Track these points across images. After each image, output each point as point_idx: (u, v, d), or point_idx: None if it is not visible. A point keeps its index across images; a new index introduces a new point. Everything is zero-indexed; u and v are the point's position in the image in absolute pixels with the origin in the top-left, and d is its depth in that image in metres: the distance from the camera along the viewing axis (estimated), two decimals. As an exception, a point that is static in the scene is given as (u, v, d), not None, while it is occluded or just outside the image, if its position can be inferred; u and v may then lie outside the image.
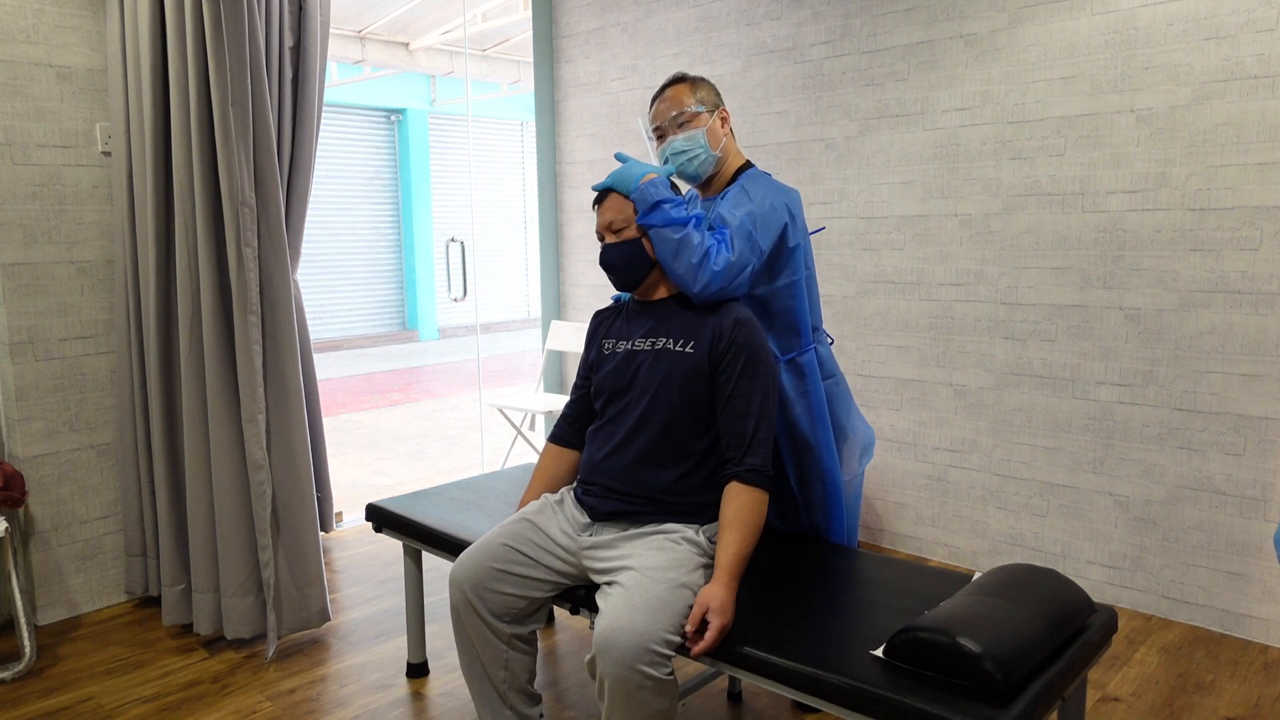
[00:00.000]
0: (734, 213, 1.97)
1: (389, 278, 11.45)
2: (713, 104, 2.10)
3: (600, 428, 1.97)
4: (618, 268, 1.93)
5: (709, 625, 1.66)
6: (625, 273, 1.93)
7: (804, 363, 2.12)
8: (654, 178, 1.90)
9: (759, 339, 1.87)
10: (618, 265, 1.92)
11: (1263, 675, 2.51)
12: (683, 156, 2.07)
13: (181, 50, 2.52)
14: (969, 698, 1.43)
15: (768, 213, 2.00)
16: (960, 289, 3.19)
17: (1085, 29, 2.83)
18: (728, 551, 1.73)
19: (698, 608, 1.68)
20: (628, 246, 1.91)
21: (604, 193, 1.95)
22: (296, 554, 2.63)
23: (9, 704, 2.41)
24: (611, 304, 2.11)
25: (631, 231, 1.90)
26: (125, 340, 2.85)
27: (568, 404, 2.12)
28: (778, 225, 2.01)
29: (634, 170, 1.91)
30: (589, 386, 2.07)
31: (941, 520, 3.35)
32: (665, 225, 1.86)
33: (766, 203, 2.01)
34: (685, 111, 2.06)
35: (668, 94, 2.10)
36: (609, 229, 1.93)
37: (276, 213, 2.54)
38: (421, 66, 9.67)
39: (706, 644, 1.65)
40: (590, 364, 2.06)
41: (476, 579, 1.87)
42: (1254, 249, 2.60)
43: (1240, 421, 2.68)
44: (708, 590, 1.69)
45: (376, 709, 2.39)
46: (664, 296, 1.97)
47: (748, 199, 2.01)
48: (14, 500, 2.61)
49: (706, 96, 2.10)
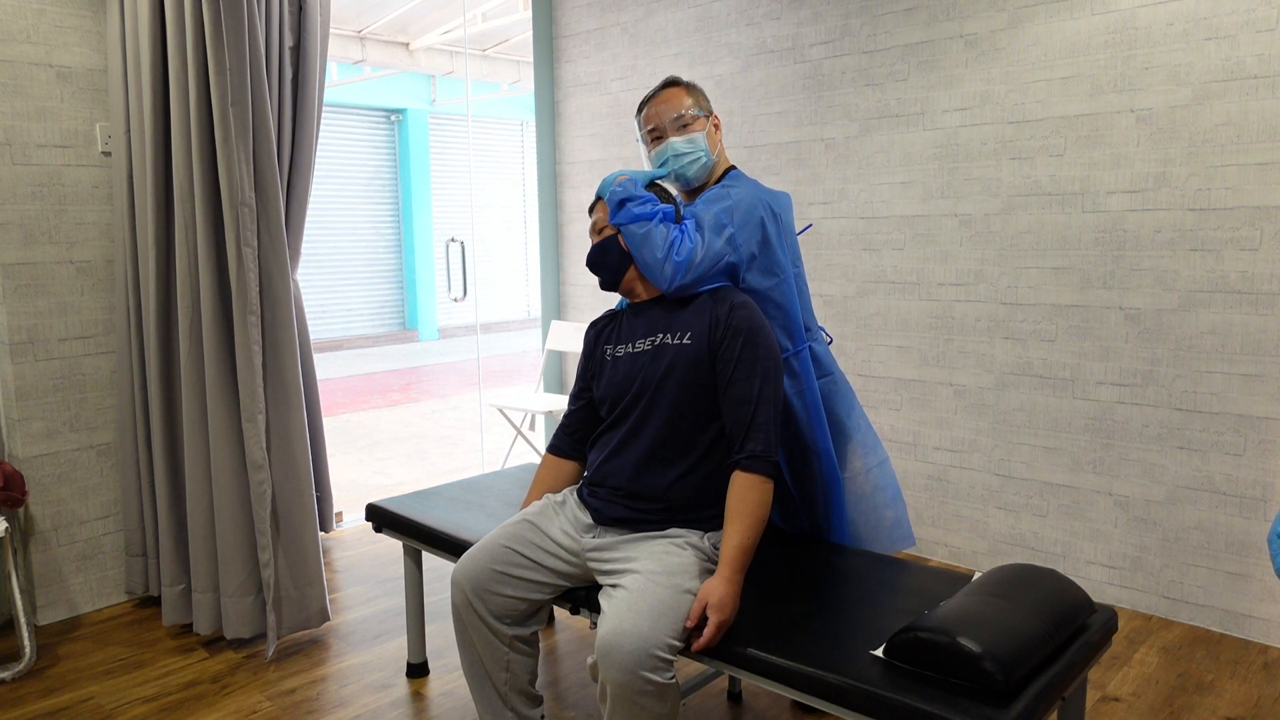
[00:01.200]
0: (709, 208, 1.98)
1: (389, 278, 11.45)
2: (707, 109, 2.12)
3: (605, 430, 1.97)
4: (596, 265, 1.99)
5: (707, 621, 1.66)
6: (602, 270, 1.98)
7: (798, 362, 2.12)
8: (625, 179, 1.96)
9: (757, 321, 1.85)
10: (595, 263, 1.99)
11: (1263, 675, 2.51)
12: (683, 159, 2.07)
13: (181, 50, 2.52)
14: (969, 698, 1.43)
15: (746, 209, 2.00)
16: (960, 289, 3.19)
17: (1085, 29, 2.83)
18: (729, 544, 1.73)
19: (697, 603, 1.68)
20: (603, 244, 1.96)
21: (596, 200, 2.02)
22: (296, 554, 2.63)
23: (9, 704, 2.41)
24: (606, 313, 2.11)
25: (610, 231, 1.97)
26: (125, 340, 2.85)
27: (565, 415, 2.11)
28: (755, 221, 2.01)
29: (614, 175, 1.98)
30: (587, 397, 2.06)
31: (941, 520, 3.35)
32: (631, 221, 1.91)
33: (745, 199, 2.01)
34: (685, 113, 2.07)
35: (664, 95, 2.10)
36: (596, 232, 2.01)
37: (276, 213, 2.54)
38: (421, 66, 9.67)
39: (705, 640, 1.65)
40: (591, 374, 2.06)
41: (477, 581, 1.87)
42: (1254, 249, 2.60)
43: (1240, 421, 2.68)
44: (708, 585, 1.69)
45: (376, 709, 2.39)
46: (655, 297, 1.98)
47: (726, 196, 2.02)
48: (14, 500, 2.61)
49: (702, 101, 2.11)
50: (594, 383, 2.03)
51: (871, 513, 2.25)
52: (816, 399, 2.12)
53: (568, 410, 2.11)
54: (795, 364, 2.11)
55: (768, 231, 2.03)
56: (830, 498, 2.15)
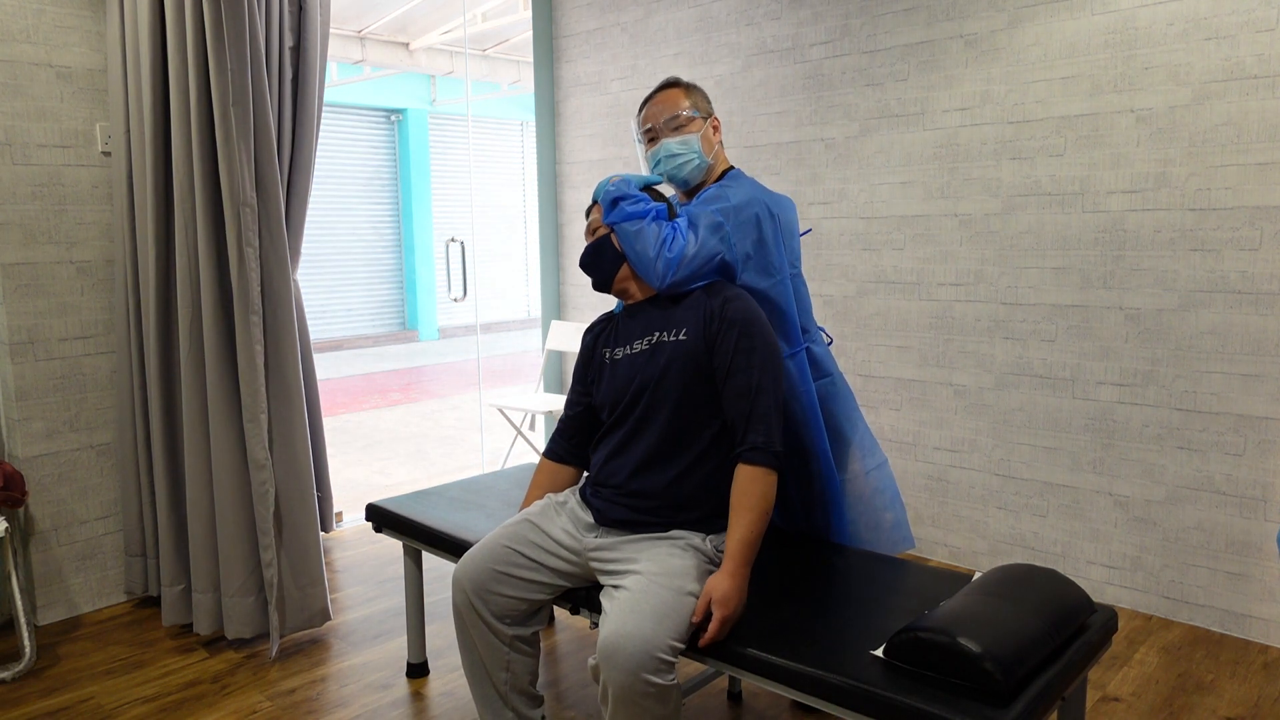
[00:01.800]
0: (705, 207, 1.98)
1: (389, 278, 11.45)
2: (706, 111, 2.10)
3: (607, 431, 1.96)
4: (588, 265, 2.00)
5: (712, 616, 1.66)
6: (594, 269, 1.99)
7: (794, 365, 2.11)
8: (618, 179, 1.97)
9: (752, 312, 1.85)
10: (588, 263, 2.00)
11: (1263, 675, 2.51)
12: (676, 160, 2.07)
13: (181, 50, 2.52)
14: (969, 698, 1.43)
15: (743, 207, 2.00)
16: (960, 289, 3.19)
17: (1085, 29, 2.83)
18: (733, 538, 1.73)
19: (703, 598, 1.68)
20: (597, 244, 1.98)
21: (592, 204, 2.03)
22: (298, 553, 2.63)
23: (9, 704, 2.41)
24: (602, 316, 2.11)
25: (604, 232, 1.98)
26: (125, 340, 2.85)
27: (562, 419, 2.10)
28: (751, 220, 2.00)
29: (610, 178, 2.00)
30: (585, 402, 2.05)
31: (941, 520, 3.35)
32: (624, 220, 1.92)
33: (743, 198, 2.01)
34: (680, 115, 2.06)
35: (661, 96, 2.09)
36: (591, 234, 2.02)
37: (277, 212, 2.54)
38: (421, 66, 9.67)
39: (710, 635, 1.65)
40: (590, 378, 2.04)
41: (478, 580, 1.87)
42: (1254, 249, 2.60)
43: (1240, 421, 2.68)
44: (713, 580, 1.69)
45: (376, 709, 2.39)
46: (650, 297, 1.97)
47: (723, 196, 2.02)
48: (14, 500, 2.61)
49: (700, 103, 2.09)
50: (594, 388, 2.02)
51: (871, 515, 2.25)
52: (814, 401, 2.12)
53: (564, 415, 2.10)
54: (791, 366, 2.10)
55: (764, 231, 2.02)
56: (829, 500, 2.15)
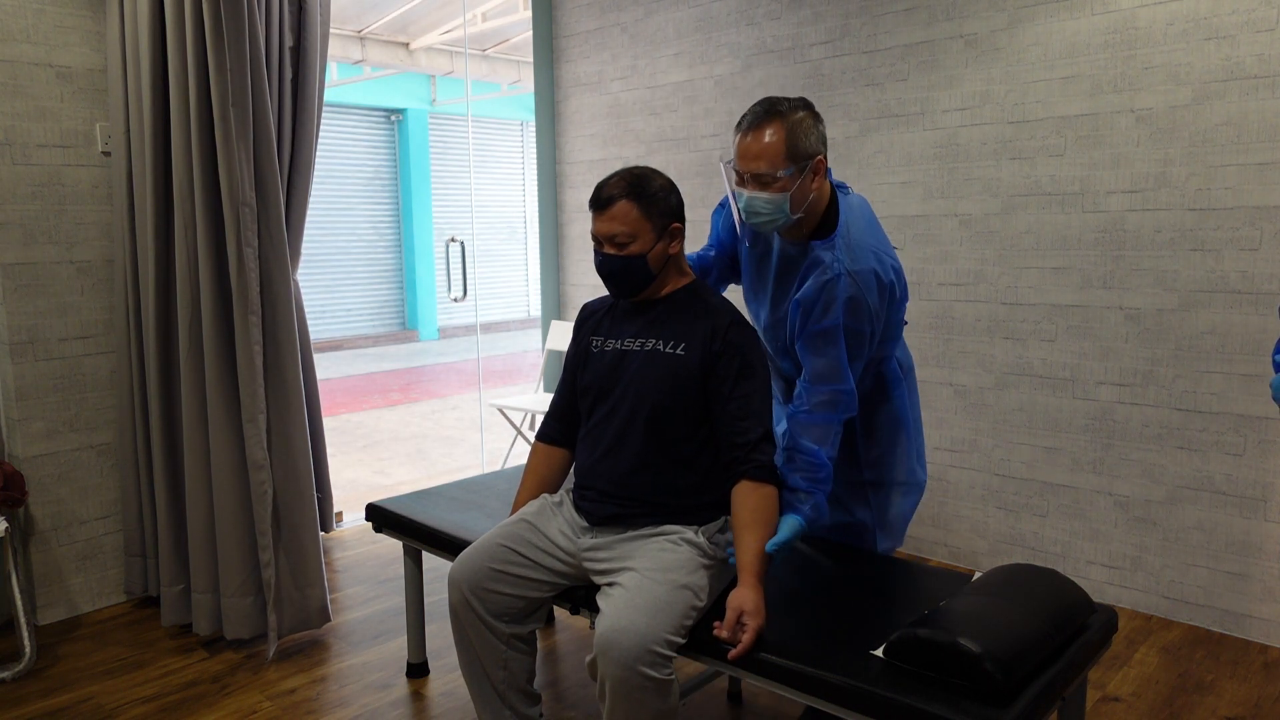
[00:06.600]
0: (821, 320, 1.88)
1: (389, 278, 11.45)
2: (808, 156, 1.83)
3: (590, 431, 1.95)
4: (618, 279, 1.88)
5: (745, 628, 1.66)
6: (626, 285, 1.88)
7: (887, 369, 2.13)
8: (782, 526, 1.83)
9: (752, 339, 1.87)
10: (619, 277, 1.87)
11: (1263, 675, 2.51)
12: (759, 217, 1.89)
13: (181, 50, 2.52)
14: (969, 698, 1.43)
15: (868, 291, 1.88)
16: (960, 289, 3.19)
17: (1085, 29, 2.83)
18: (750, 552, 1.73)
19: (731, 611, 1.68)
20: (632, 262, 1.84)
21: (608, 200, 1.83)
22: (297, 554, 2.63)
23: (9, 704, 2.41)
24: (599, 299, 2.06)
25: (636, 247, 1.83)
26: (125, 340, 2.85)
27: (554, 401, 2.08)
28: (882, 293, 1.91)
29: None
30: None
31: (941, 520, 3.35)
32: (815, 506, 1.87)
33: (867, 280, 1.88)
34: (766, 174, 1.82)
35: (756, 140, 1.83)
36: (610, 240, 1.84)
37: (277, 212, 2.54)
38: (421, 66, 9.67)
39: (745, 646, 1.65)
40: (577, 361, 2.01)
41: (475, 579, 1.87)
42: (1254, 249, 2.60)
43: (1240, 421, 2.68)
44: (738, 594, 1.69)
45: (376, 709, 2.39)
46: (650, 297, 1.94)
47: (857, 306, 1.87)
48: (14, 500, 2.61)
49: (802, 149, 1.82)
50: (579, 371, 2.00)
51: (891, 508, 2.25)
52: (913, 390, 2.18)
53: (557, 395, 2.08)
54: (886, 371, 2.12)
55: (893, 292, 1.95)
56: (898, 440, 2.14)
